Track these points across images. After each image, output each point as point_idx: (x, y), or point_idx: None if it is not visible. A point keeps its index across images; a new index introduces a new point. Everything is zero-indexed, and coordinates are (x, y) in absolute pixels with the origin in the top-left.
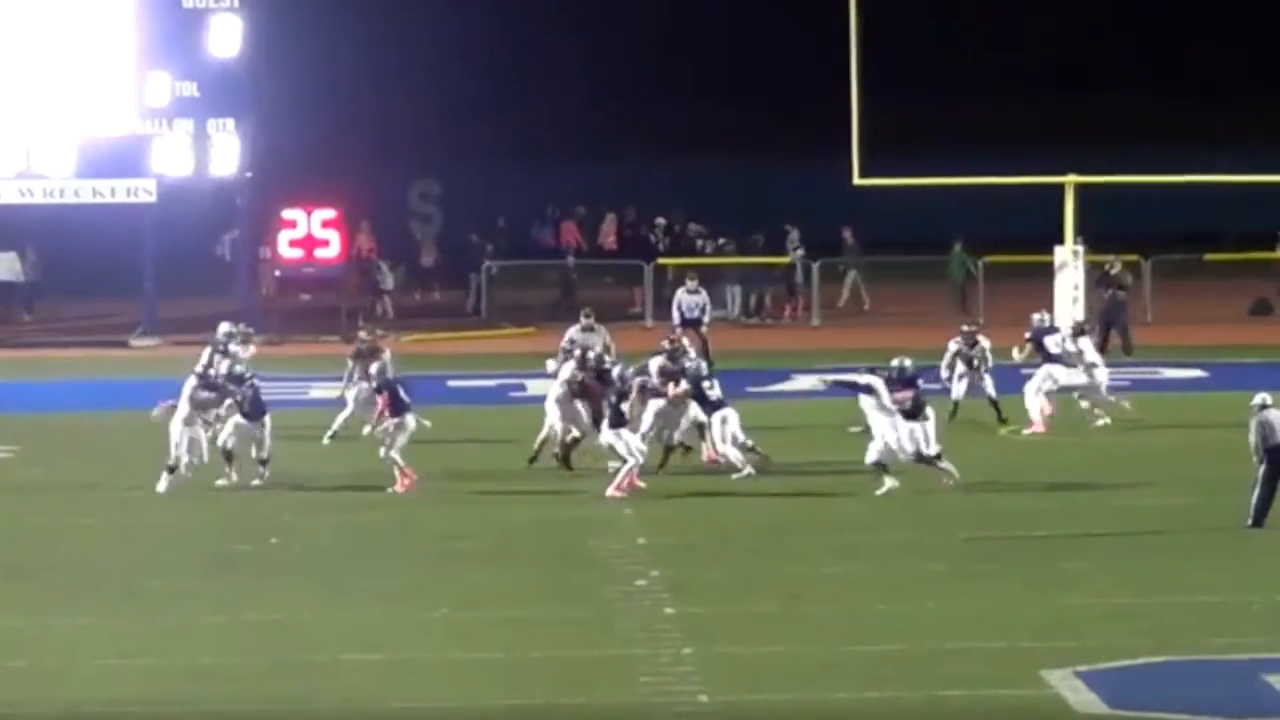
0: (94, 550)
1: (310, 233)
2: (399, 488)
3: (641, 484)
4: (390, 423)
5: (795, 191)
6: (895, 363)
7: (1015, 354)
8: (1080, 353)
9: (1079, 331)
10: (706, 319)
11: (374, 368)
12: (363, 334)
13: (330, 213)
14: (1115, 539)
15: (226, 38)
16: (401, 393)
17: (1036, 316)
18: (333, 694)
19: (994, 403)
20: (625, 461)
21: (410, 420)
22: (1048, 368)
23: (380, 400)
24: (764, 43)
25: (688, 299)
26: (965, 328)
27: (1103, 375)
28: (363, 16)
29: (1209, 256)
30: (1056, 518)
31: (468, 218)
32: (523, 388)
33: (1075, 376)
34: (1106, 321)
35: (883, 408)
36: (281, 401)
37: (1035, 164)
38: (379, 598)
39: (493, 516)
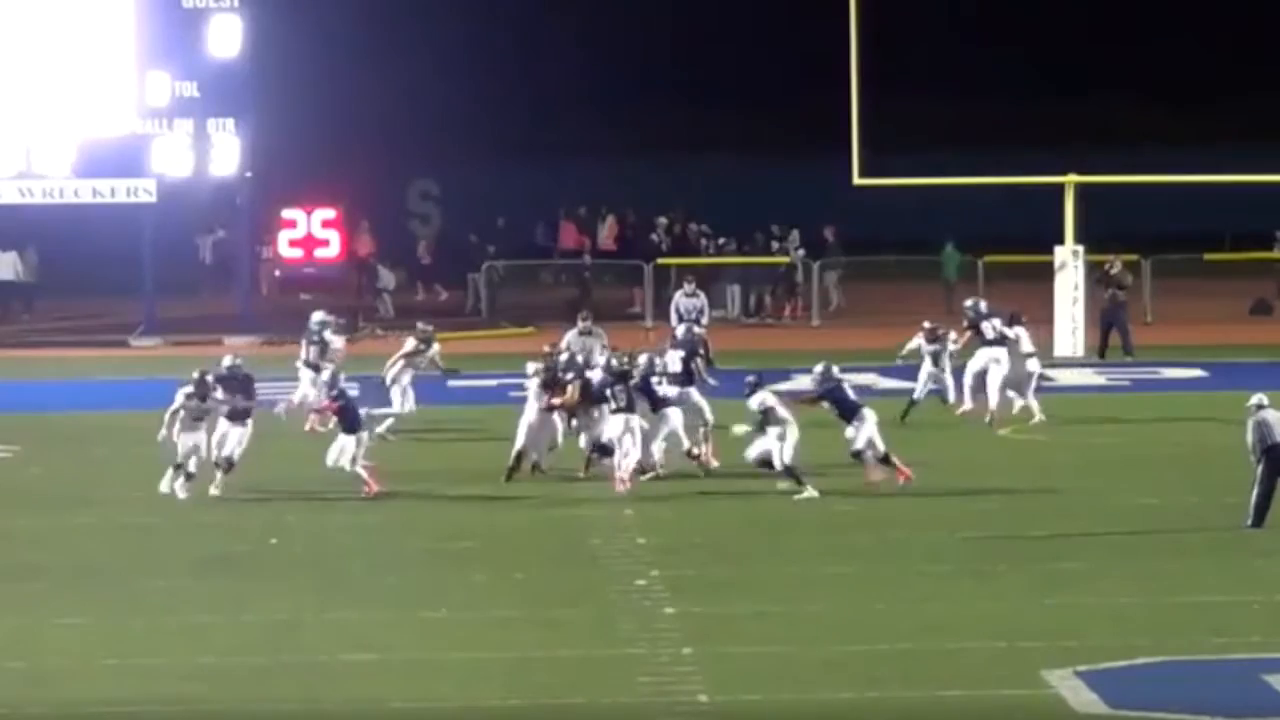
0: (94, 550)
1: (310, 233)
2: (370, 490)
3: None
4: (348, 440)
5: (795, 192)
6: (819, 367)
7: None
8: (1016, 340)
9: (1014, 320)
10: (705, 321)
11: (325, 375)
12: (420, 325)
13: (330, 213)
14: (1115, 539)
15: (226, 38)
16: (353, 406)
17: (969, 302)
18: (333, 694)
19: (944, 397)
20: (625, 454)
21: (365, 436)
22: (989, 352)
23: (327, 405)
24: (762, 42)
25: (685, 302)
26: (927, 324)
27: (1035, 367)
28: (362, 17)
29: (1209, 256)
30: (1056, 518)
31: (468, 218)
32: (522, 387)
33: (1008, 363)
34: (1107, 321)
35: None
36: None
37: (1035, 164)
38: (379, 598)
39: (492, 517)
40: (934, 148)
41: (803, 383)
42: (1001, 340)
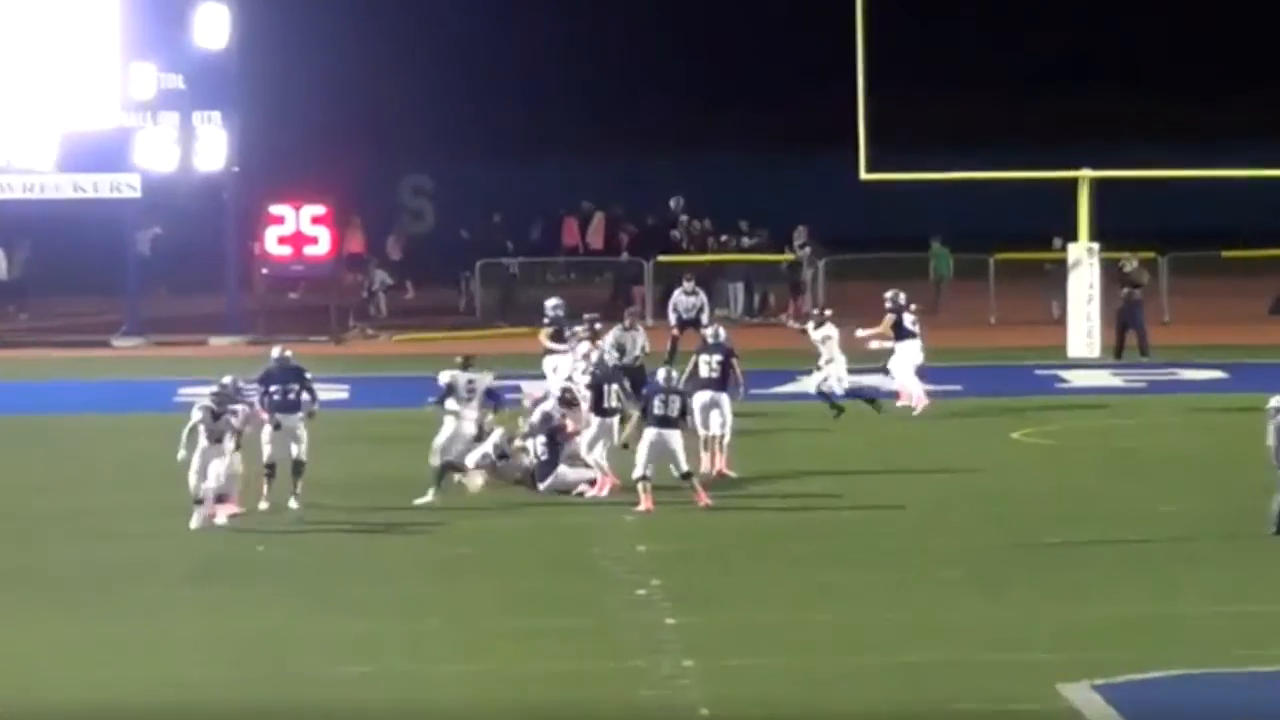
0: (75, 557)
1: (299, 229)
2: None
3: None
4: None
5: (800, 187)
6: (660, 373)
7: (862, 333)
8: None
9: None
10: (705, 320)
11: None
12: (587, 316)
13: (320, 209)
14: (1132, 546)
15: (213, 28)
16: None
17: (890, 293)
18: (321, 706)
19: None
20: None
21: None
22: (909, 344)
23: (258, 409)
24: (765, 37)
25: (685, 300)
26: (826, 312)
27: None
28: (353, 6)
29: (1227, 253)
30: (1070, 524)
31: (462, 214)
32: (518, 389)
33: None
34: (1122, 321)
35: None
36: None
37: (1046, 158)
38: (370, 607)
39: (486, 523)
40: (942, 143)
41: None
42: (913, 333)
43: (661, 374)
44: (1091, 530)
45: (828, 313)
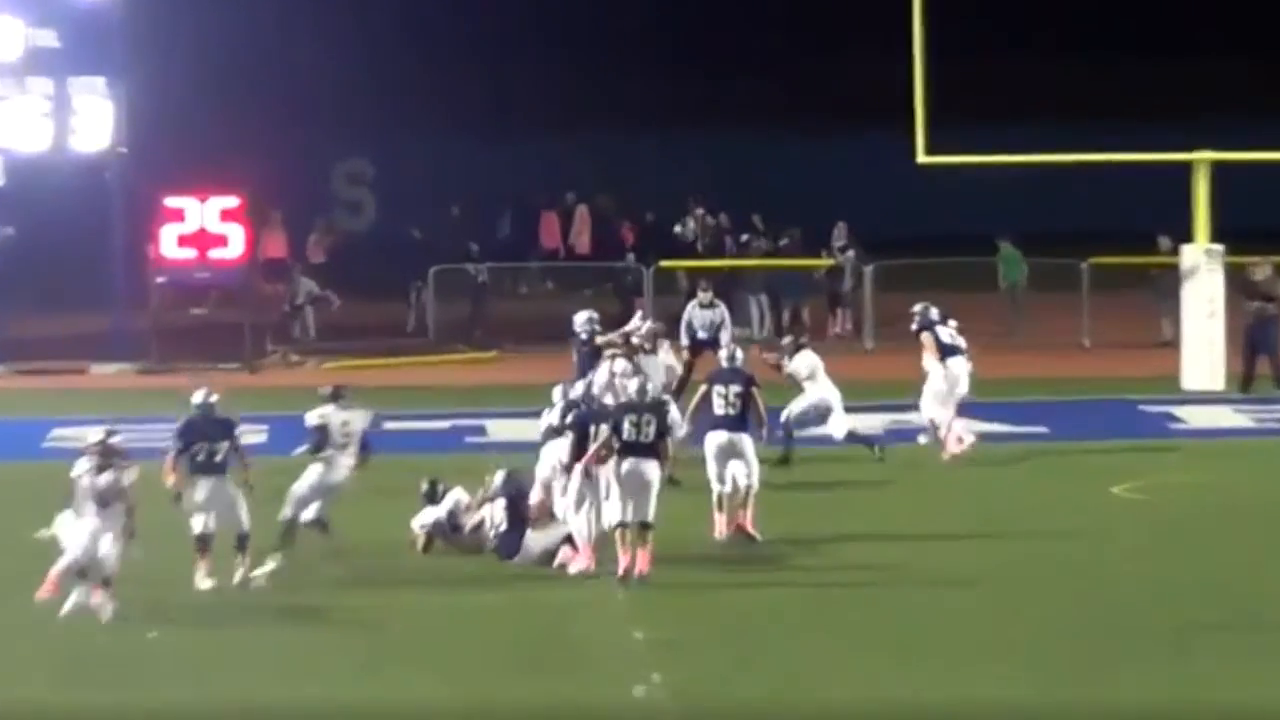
0: None
1: (204, 227)
2: None
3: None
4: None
5: (821, 172)
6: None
7: (930, 371)
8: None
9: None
10: (725, 338)
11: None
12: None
13: (231, 201)
14: (1261, 631)
15: None
16: None
17: (919, 307)
18: None
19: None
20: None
21: None
22: (953, 361)
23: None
24: None
25: (702, 315)
26: (787, 340)
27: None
28: None
29: None
30: (1179, 601)
31: (413, 207)
32: (482, 430)
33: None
34: (1252, 343)
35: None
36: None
37: (1151, 138)
38: (293, 715)
39: (441, 600)
40: (1012, 120)
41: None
42: (958, 348)
43: (633, 386)
44: (1208, 610)
45: (803, 340)
